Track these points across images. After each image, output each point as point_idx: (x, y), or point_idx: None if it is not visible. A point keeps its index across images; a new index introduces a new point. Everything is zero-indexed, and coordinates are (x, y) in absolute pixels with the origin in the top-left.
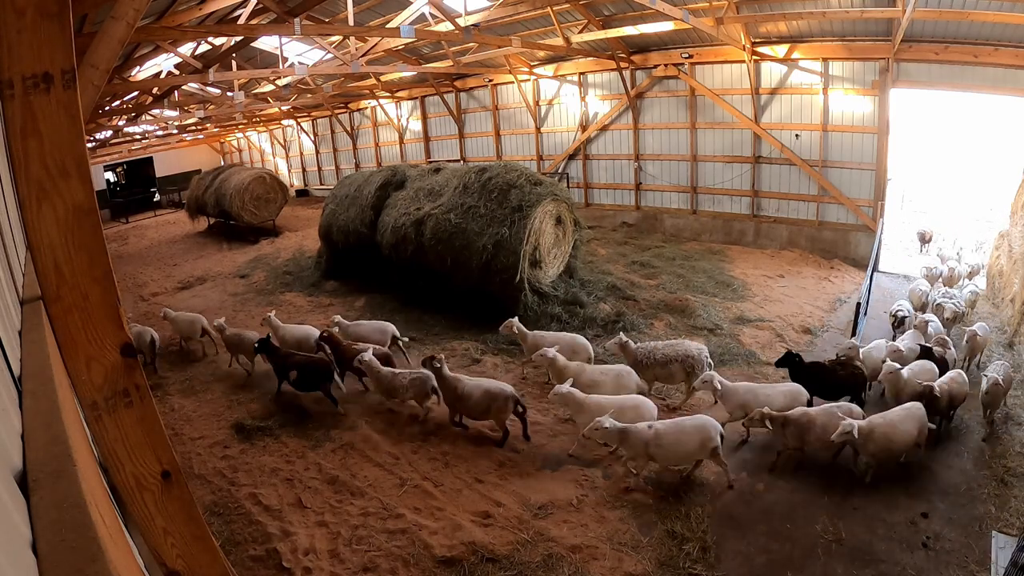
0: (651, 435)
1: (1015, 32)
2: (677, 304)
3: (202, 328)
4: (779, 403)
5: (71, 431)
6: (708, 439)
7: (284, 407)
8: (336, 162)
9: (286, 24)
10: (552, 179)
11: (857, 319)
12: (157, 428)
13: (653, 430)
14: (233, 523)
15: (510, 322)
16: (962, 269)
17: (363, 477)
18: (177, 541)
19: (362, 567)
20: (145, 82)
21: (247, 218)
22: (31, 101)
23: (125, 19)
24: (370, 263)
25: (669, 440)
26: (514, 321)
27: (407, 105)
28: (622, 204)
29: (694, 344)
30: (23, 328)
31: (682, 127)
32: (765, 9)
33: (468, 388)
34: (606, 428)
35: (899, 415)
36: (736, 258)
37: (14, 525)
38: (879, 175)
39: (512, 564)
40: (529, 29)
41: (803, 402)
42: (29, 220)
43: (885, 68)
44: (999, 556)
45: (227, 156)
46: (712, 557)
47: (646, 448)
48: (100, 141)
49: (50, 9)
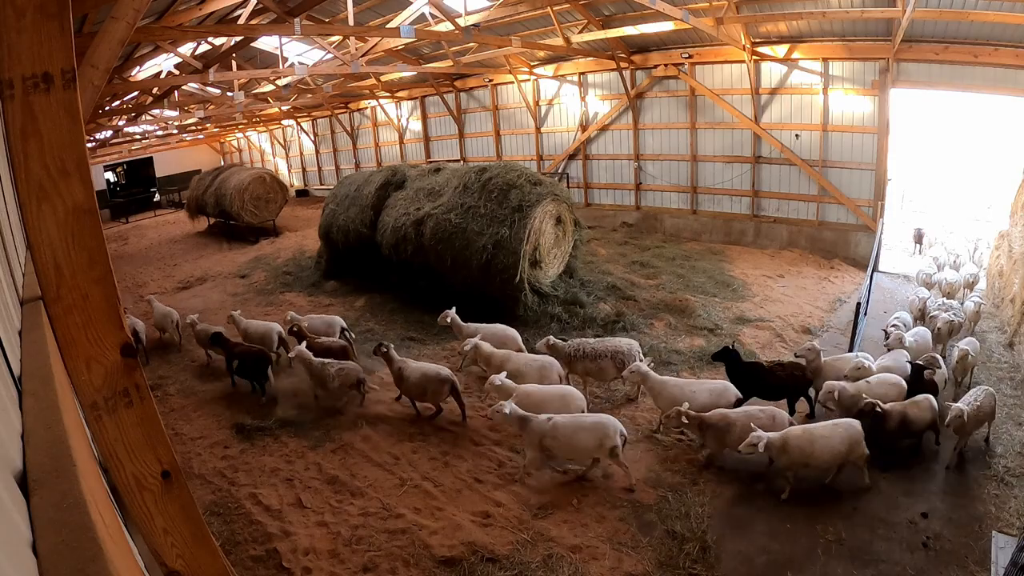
0: (548, 427)
1: (1015, 32)
2: (677, 304)
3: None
4: (702, 400)
5: (71, 431)
6: (606, 437)
7: (284, 407)
8: (336, 162)
9: (286, 24)
10: (552, 179)
11: (857, 319)
12: (157, 428)
13: (551, 422)
14: (233, 523)
15: (446, 313)
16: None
17: (363, 477)
18: (177, 541)
19: (362, 567)
20: (145, 82)
21: (247, 218)
22: (31, 101)
23: (125, 19)
24: (370, 263)
25: (564, 433)
26: (450, 312)
27: (407, 105)
28: (622, 204)
29: (625, 340)
30: (23, 328)
31: (682, 127)
32: (765, 9)
33: (409, 371)
34: (505, 413)
35: (824, 429)
36: (736, 258)
37: (14, 525)
38: (879, 175)
39: (512, 564)
40: (529, 29)
41: (729, 400)
42: (29, 220)
43: (885, 68)
44: (999, 556)
45: (227, 156)
46: (712, 557)
47: (541, 439)
48: (100, 141)
49: (50, 9)
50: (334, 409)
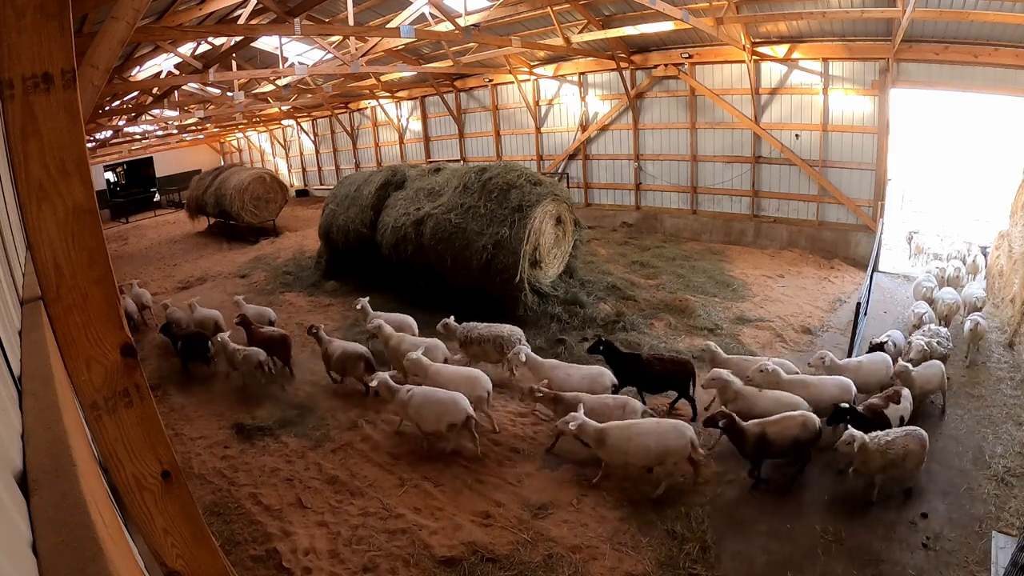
0: (407, 398)
1: (1015, 32)
2: (677, 304)
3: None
4: (575, 383)
5: (71, 431)
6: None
7: (284, 407)
8: (336, 162)
9: (286, 24)
10: (552, 179)
11: (857, 319)
12: (157, 428)
13: (410, 394)
14: (233, 523)
15: (358, 301)
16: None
17: (363, 477)
18: (177, 541)
19: (362, 567)
20: (145, 82)
21: (247, 218)
22: (31, 101)
23: (125, 19)
24: (370, 263)
25: (417, 404)
26: (362, 301)
27: (407, 105)
28: (622, 204)
29: (508, 327)
30: (23, 328)
31: (682, 127)
32: (765, 9)
33: (332, 349)
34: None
35: (653, 426)
36: (736, 258)
37: (14, 525)
38: (879, 175)
39: (512, 564)
40: (529, 29)
41: (605, 385)
42: (29, 220)
43: (885, 68)
44: (999, 556)
45: (227, 156)
46: (712, 557)
47: (405, 409)
48: (100, 141)
49: (50, 9)
50: (333, 409)
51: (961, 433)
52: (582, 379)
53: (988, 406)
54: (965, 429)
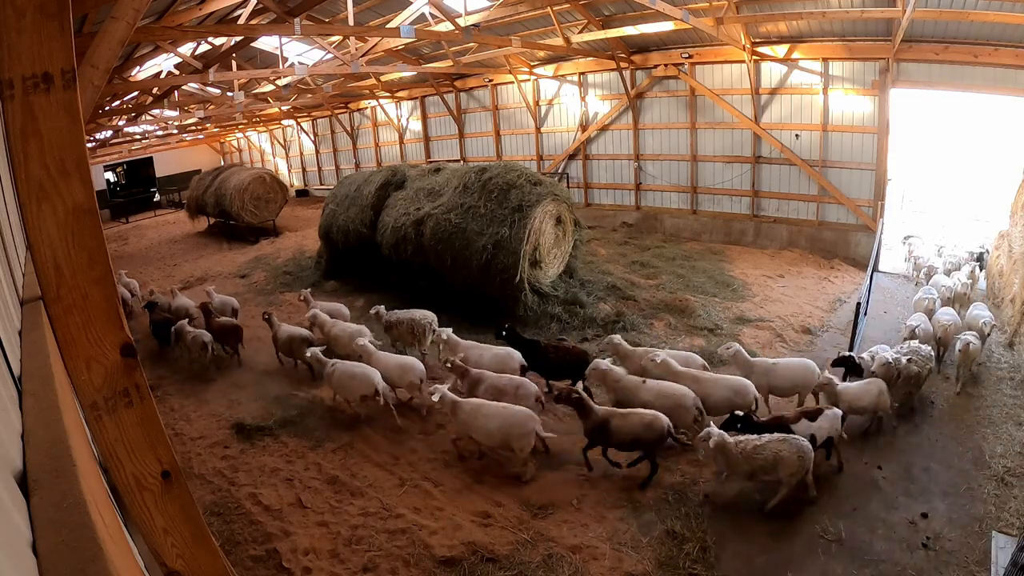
0: (331, 371)
1: (1015, 32)
2: (677, 304)
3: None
4: (486, 362)
5: (71, 431)
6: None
7: (284, 407)
8: (336, 162)
9: (286, 24)
10: (552, 179)
11: (857, 319)
12: (157, 428)
13: (333, 367)
14: (233, 523)
15: (301, 292)
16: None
17: (363, 477)
18: (177, 541)
19: (362, 567)
20: (145, 82)
21: (247, 218)
22: (31, 101)
23: (125, 19)
24: (370, 263)
25: (338, 376)
26: (304, 292)
27: (407, 105)
28: (622, 204)
29: (420, 312)
30: (23, 328)
31: (682, 127)
32: (765, 9)
33: (280, 332)
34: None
35: (500, 410)
36: (736, 258)
37: (14, 525)
38: (879, 175)
39: (512, 564)
40: (529, 29)
41: (514, 367)
42: (29, 220)
43: (885, 68)
44: (999, 556)
45: (227, 156)
46: (712, 557)
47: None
48: (100, 141)
49: (50, 9)
50: (333, 408)
51: (961, 433)
52: (492, 358)
53: (988, 406)
54: (965, 429)
